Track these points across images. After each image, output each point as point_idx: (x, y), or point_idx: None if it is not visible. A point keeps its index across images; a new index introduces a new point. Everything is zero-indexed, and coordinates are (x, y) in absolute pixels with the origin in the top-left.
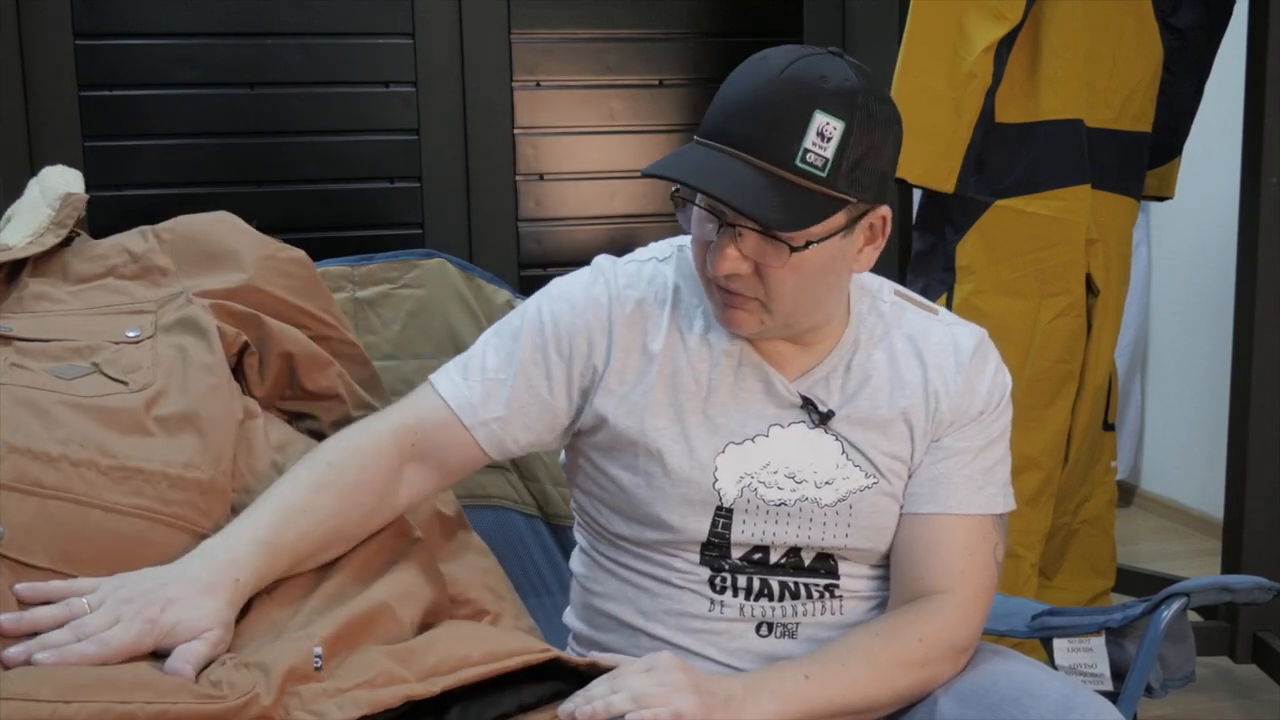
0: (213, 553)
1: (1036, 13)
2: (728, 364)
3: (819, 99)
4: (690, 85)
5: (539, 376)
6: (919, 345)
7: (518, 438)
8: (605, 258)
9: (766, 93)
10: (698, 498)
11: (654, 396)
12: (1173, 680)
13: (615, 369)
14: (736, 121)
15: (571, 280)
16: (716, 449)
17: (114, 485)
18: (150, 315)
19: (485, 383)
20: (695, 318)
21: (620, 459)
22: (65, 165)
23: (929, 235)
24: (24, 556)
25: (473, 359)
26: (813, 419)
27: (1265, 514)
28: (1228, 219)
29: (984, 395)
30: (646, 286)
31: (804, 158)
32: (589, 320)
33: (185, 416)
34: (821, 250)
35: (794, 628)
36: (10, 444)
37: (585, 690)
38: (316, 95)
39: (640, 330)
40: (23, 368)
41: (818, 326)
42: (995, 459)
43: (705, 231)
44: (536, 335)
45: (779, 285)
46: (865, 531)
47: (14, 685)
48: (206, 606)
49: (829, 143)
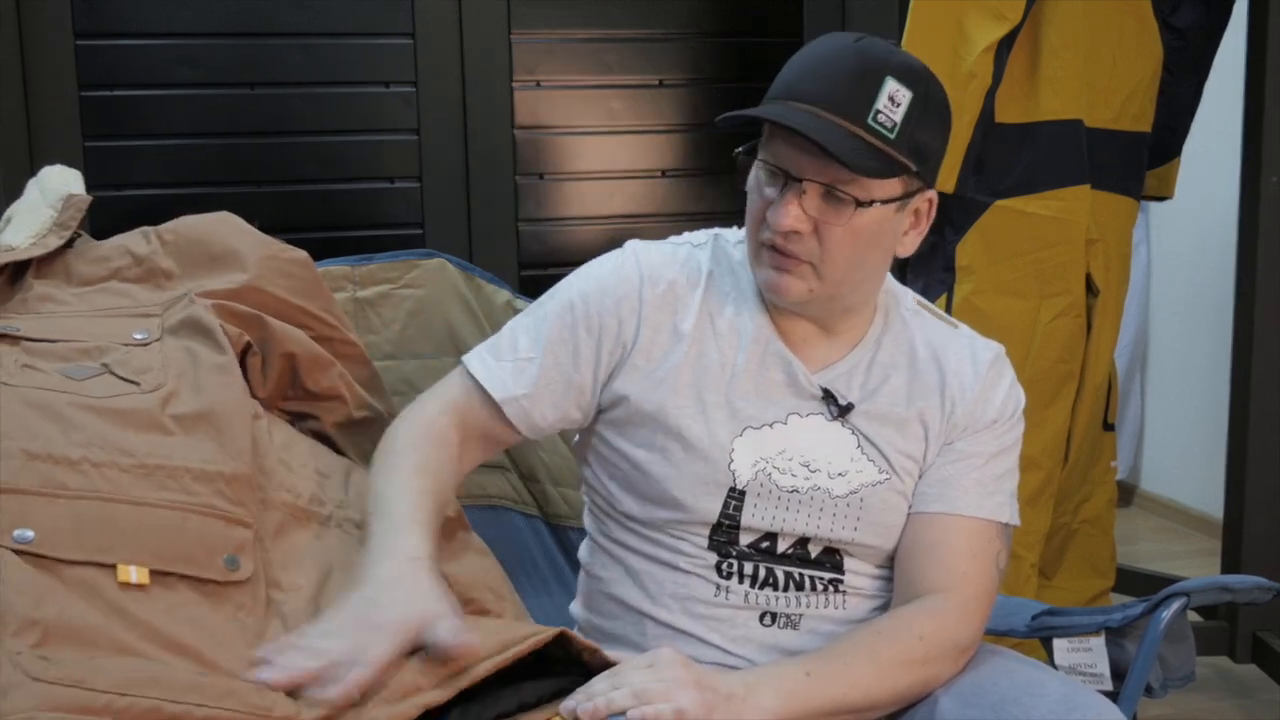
0: (384, 552)
1: (1036, 13)
2: (754, 351)
3: (890, 67)
4: (690, 85)
5: (566, 355)
6: (939, 352)
7: (545, 414)
8: (636, 241)
9: (841, 58)
10: (712, 477)
11: (679, 376)
12: (1173, 680)
13: (643, 346)
14: (810, 81)
15: (602, 261)
16: (735, 432)
17: (138, 482)
18: (156, 319)
19: (516, 362)
20: (726, 304)
21: (637, 435)
22: (65, 165)
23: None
24: (57, 553)
25: (503, 340)
26: (831, 411)
27: (1265, 514)
28: (1228, 219)
29: (998, 405)
30: (680, 269)
31: (875, 118)
32: (619, 298)
33: (201, 415)
34: (878, 215)
35: (797, 619)
36: (31, 451)
37: (586, 687)
38: (316, 95)
39: (670, 310)
40: (33, 369)
41: (851, 311)
42: (1005, 469)
43: (766, 193)
44: (566, 314)
45: (835, 247)
46: (874, 527)
47: (69, 671)
48: (423, 589)
49: (898, 108)
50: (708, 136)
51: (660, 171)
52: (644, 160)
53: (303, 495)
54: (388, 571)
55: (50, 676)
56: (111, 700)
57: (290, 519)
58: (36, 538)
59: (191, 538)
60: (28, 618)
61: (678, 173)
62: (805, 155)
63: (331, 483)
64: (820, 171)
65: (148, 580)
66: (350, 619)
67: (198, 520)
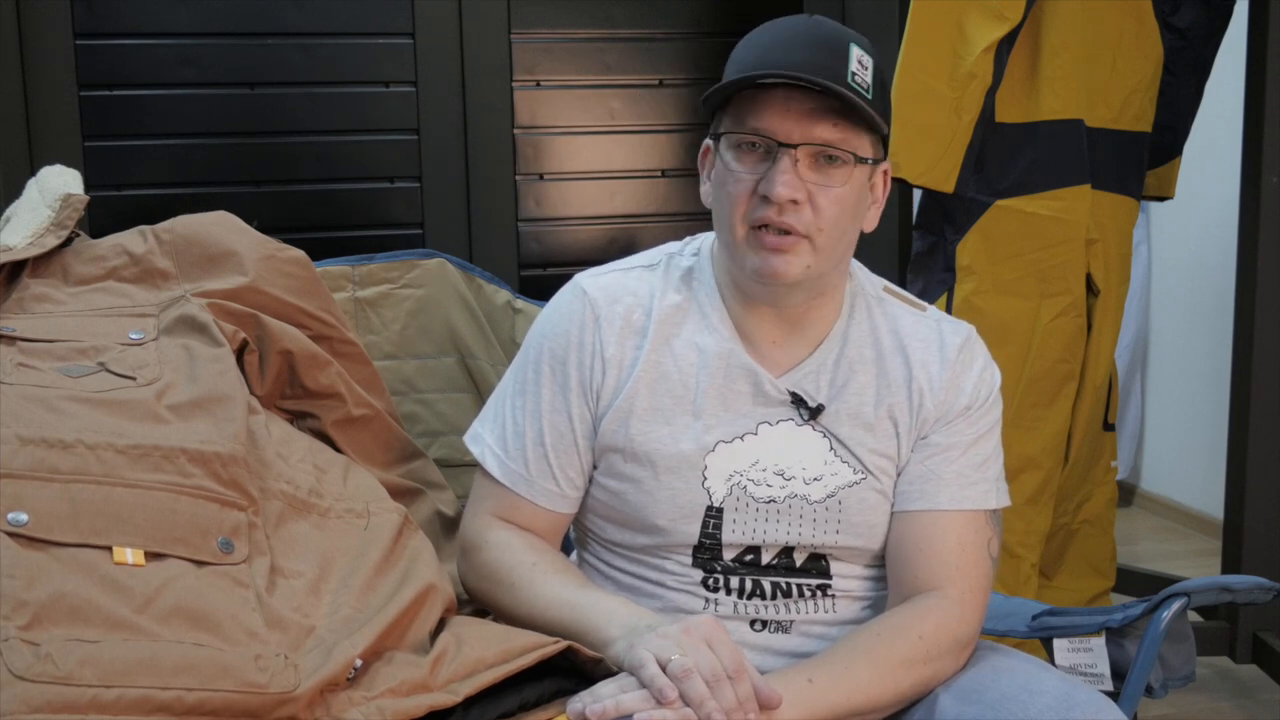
0: (596, 617)
1: (1036, 13)
2: (717, 367)
3: (849, 37)
4: (690, 85)
5: (562, 421)
6: (905, 342)
7: (573, 480)
8: (583, 275)
9: (803, 30)
10: (687, 498)
11: (639, 403)
12: (1173, 680)
13: (609, 383)
14: (780, 53)
15: (556, 309)
16: (706, 448)
17: (132, 463)
18: (152, 319)
19: (523, 449)
20: (684, 322)
21: (610, 467)
22: (65, 165)
23: (929, 235)
24: (52, 536)
25: (507, 429)
26: (802, 415)
27: (1265, 514)
28: (1228, 219)
29: (969, 391)
30: (631, 296)
31: (853, 79)
32: (581, 344)
33: (196, 403)
34: (861, 178)
35: (788, 624)
36: (24, 437)
37: (593, 689)
38: (316, 95)
39: (626, 340)
40: (29, 367)
41: (825, 294)
42: (986, 454)
43: (747, 172)
44: (547, 379)
45: (829, 214)
46: (856, 529)
47: (55, 668)
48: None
49: (866, 71)
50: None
51: (660, 171)
52: (644, 160)
53: (301, 487)
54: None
55: (34, 674)
56: (98, 694)
57: (289, 509)
58: (31, 521)
59: (185, 520)
60: (19, 599)
61: (678, 173)
62: (793, 121)
63: (330, 477)
64: (809, 134)
65: (143, 562)
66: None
67: (190, 503)
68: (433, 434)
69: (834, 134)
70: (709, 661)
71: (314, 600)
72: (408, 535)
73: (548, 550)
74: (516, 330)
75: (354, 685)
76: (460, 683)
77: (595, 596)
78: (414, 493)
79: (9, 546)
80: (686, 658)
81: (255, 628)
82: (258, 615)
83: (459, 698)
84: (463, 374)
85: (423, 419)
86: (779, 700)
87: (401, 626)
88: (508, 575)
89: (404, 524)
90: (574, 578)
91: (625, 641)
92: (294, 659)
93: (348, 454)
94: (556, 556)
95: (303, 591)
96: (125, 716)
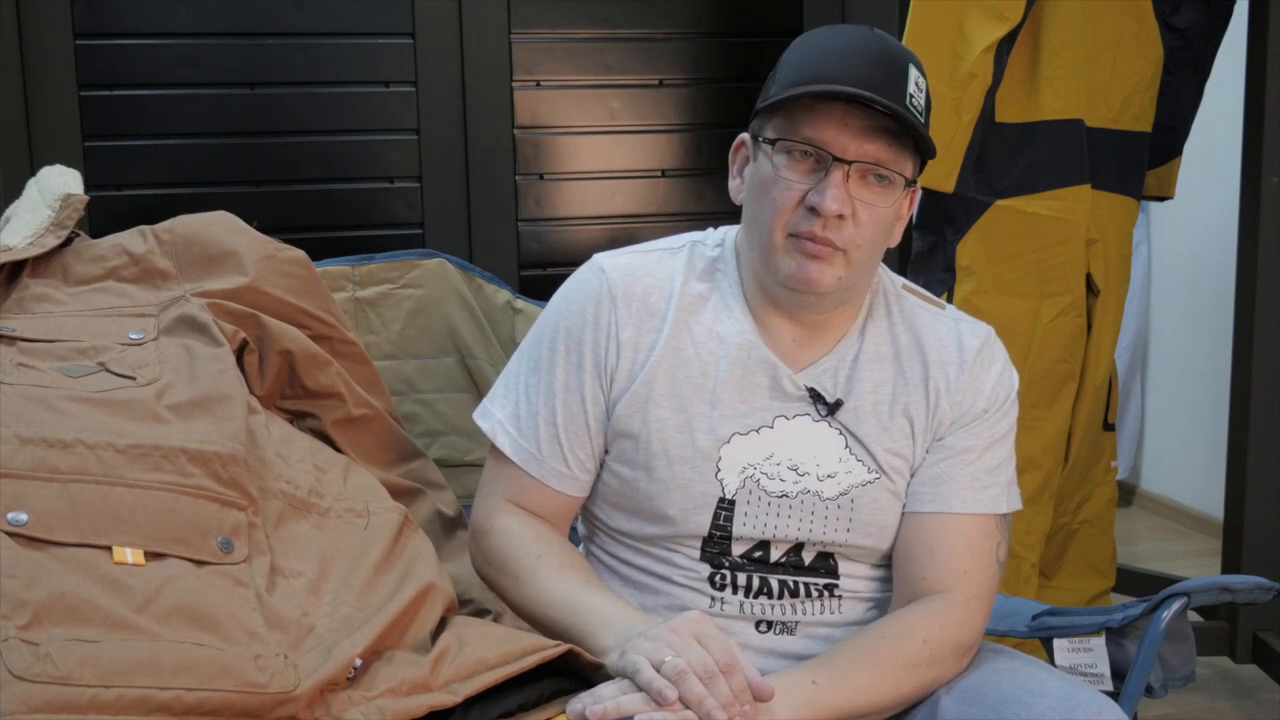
0: (593, 623)
1: (1036, 13)
2: (737, 358)
3: (909, 56)
4: (690, 85)
5: (575, 402)
6: (922, 341)
7: (584, 462)
8: (602, 255)
9: (865, 44)
10: (699, 489)
11: (657, 388)
12: (1173, 680)
13: (624, 366)
14: (839, 65)
15: (573, 287)
16: (721, 439)
17: (132, 463)
18: (152, 319)
19: (535, 428)
20: (704, 309)
21: (622, 454)
22: (65, 165)
23: (929, 235)
24: (52, 536)
25: (520, 407)
26: (819, 410)
27: (1265, 514)
28: (1228, 219)
29: (988, 394)
30: (651, 278)
31: (910, 100)
32: (596, 324)
33: (196, 402)
34: (903, 197)
35: (793, 625)
36: (24, 437)
37: (594, 690)
38: (316, 95)
39: (643, 323)
40: (29, 367)
41: (848, 302)
42: (1000, 459)
43: (798, 181)
44: (561, 359)
45: (869, 232)
46: (866, 528)
47: (54, 668)
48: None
49: (921, 94)
50: (708, 136)
51: (660, 171)
52: (644, 160)
53: (301, 487)
54: (607, 622)
55: (34, 674)
56: (98, 694)
57: (289, 509)
58: (31, 520)
59: (185, 520)
60: (19, 599)
61: (678, 173)
62: (849, 136)
63: (330, 477)
64: (864, 151)
65: (143, 561)
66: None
67: (190, 502)
68: (433, 434)
69: (886, 154)
70: (700, 657)
71: (314, 600)
72: (408, 535)
73: (554, 540)
74: (516, 330)
75: (354, 685)
76: (460, 683)
77: (595, 600)
78: (414, 493)
79: (9, 546)
80: (679, 658)
81: (255, 627)
82: (258, 615)
83: (459, 698)
84: (463, 374)
85: (423, 419)
86: (771, 692)
87: (401, 626)
88: (513, 566)
89: (404, 524)
90: (577, 574)
91: (619, 651)
92: (294, 659)
93: (348, 454)
94: (563, 548)
95: (303, 591)
96: (125, 716)
